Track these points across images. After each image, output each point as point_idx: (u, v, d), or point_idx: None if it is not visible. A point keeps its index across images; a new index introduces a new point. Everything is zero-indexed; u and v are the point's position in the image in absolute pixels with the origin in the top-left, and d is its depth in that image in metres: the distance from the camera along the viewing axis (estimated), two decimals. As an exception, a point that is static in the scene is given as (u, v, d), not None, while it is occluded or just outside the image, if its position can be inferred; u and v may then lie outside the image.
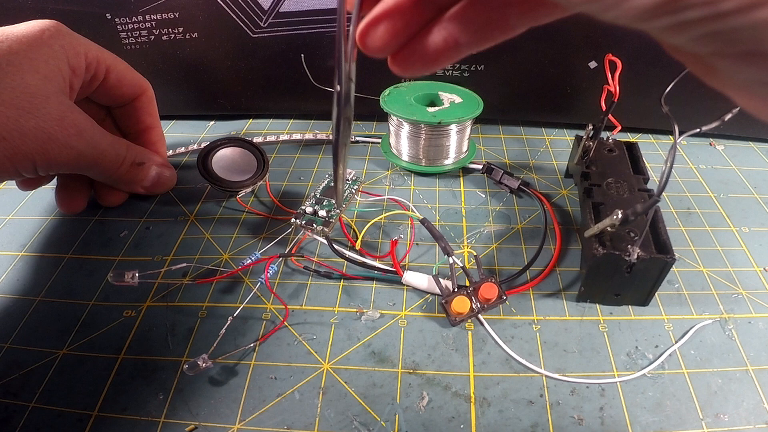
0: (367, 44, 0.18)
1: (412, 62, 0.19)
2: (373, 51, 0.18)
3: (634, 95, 0.43)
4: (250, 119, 0.52)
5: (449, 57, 0.18)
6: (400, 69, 0.19)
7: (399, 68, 0.19)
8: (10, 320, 0.31)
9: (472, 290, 0.30)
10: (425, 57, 0.18)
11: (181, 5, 0.43)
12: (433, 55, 0.18)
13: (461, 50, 0.18)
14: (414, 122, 0.40)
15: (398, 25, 0.18)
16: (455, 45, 0.18)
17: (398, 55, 0.19)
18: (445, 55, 0.18)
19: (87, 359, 0.28)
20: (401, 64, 0.19)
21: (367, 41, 0.18)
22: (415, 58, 0.18)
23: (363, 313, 0.31)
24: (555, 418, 0.25)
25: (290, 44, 0.45)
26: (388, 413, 0.26)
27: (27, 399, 0.26)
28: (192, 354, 0.28)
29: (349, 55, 0.18)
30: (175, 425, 0.25)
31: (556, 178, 0.42)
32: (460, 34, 0.17)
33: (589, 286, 0.30)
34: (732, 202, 0.40)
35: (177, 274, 0.33)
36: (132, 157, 0.37)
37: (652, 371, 0.27)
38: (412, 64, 0.19)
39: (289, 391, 0.27)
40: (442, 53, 0.18)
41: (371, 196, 0.40)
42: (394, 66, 0.19)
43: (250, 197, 0.40)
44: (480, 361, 0.28)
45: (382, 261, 0.34)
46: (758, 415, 0.25)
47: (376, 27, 0.18)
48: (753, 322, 0.30)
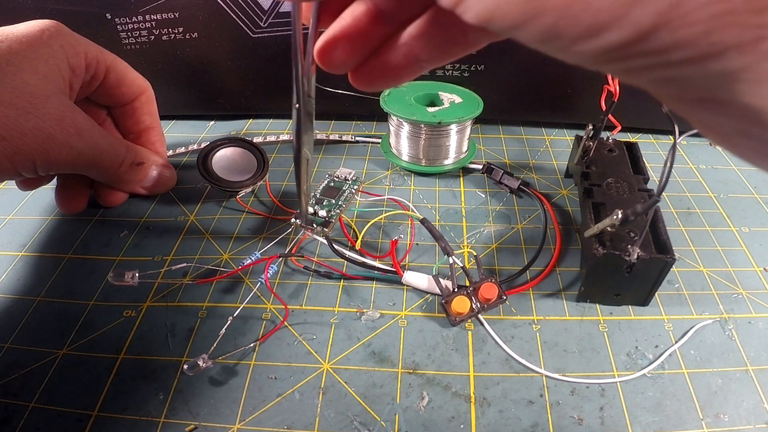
0: (327, 62, 0.18)
1: (372, 78, 0.18)
2: (333, 68, 0.18)
3: (634, 95, 0.42)
4: (250, 119, 0.52)
5: (410, 72, 0.18)
6: (360, 84, 0.19)
7: (360, 84, 0.19)
8: (10, 320, 0.31)
9: (472, 290, 0.30)
10: (386, 73, 0.18)
11: (181, 5, 0.43)
12: (394, 71, 0.18)
13: (422, 65, 0.18)
14: (414, 122, 0.40)
15: (357, 43, 0.17)
16: (416, 61, 0.17)
17: (358, 71, 0.18)
18: (406, 71, 0.18)
19: (87, 359, 0.28)
20: (361, 79, 0.18)
21: (326, 59, 0.18)
22: (376, 74, 0.18)
23: (363, 313, 0.31)
24: (555, 418, 0.25)
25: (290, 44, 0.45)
26: (388, 413, 0.26)
27: (27, 399, 0.26)
28: (192, 354, 0.28)
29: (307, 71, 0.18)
30: (175, 425, 0.25)
31: (556, 178, 0.42)
32: (420, 51, 0.17)
33: (589, 286, 0.30)
34: (732, 202, 0.40)
35: (177, 274, 0.33)
36: (132, 158, 0.37)
37: (652, 371, 0.27)
38: (373, 80, 0.18)
39: (289, 391, 0.27)
40: (403, 69, 0.18)
41: (371, 196, 0.40)
42: (355, 82, 0.19)
43: (250, 197, 0.40)
44: (480, 361, 0.28)
45: (382, 261, 0.34)
46: (758, 415, 0.25)
47: (334, 45, 0.17)
48: (753, 322, 0.30)
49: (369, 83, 0.18)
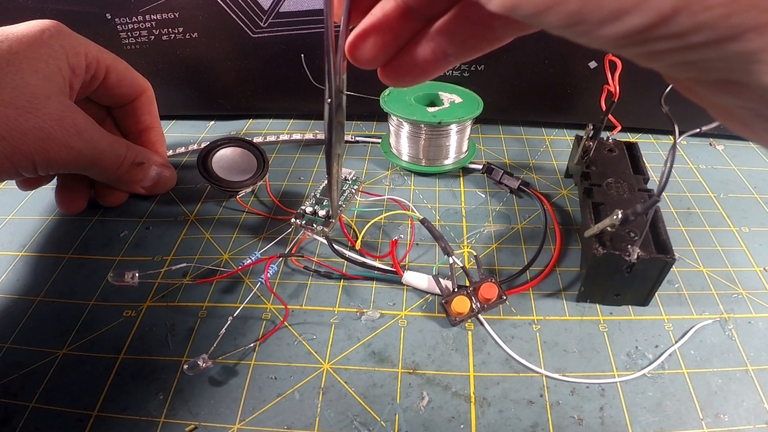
0: (357, 57, 0.18)
1: (401, 73, 0.19)
2: (363, 63, 0.18)
3: (634, 95, 0.43)
4: (250, 119, 0.52)
5: (438, 68, 0.18)
6: (390, 80, 0.19)
7: (389, 79, 0.19)
8: (10, 320, 0.31)
9: (472, 290, 0.30)
10: (414, 68, 0.18)
11: (181, 5, 0.43)
12: (422, 66, 0.18)
13: (450, 61, 0.18)
14: (414, 122, 0.40)
15: (387, 38, 0.18)
16: (443, 56, 0.18)
17: (388, 66, 0.19)
18: (434, 66, 0.18)
19: (87, 359, 0.28)
20: (391, 75, 0.19)
21: (356, 54, 0.18)
22: (405, 69, 0.19)
23: (363, 313, 0.31)
24: (555, 418, 0.25)
25: (290, 44, 0.45)
26: (388, 413, 0.26)
27: (27, 399, 0.26)
28: (192, 354, 0.28)
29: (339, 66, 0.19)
30: (175, 425, 0.25)
31: (556, 178, 0.42)
32: (447, 46, 0.18)
33: (589, 286, 0.30)
34: (732, 202, 0.40)
35: (177, 274, 0.33)
36: (132, 157, 0.37)
37: (652, 371, 0.27)
38: (401, 75, 0.19)
39: (289, 391, 0.27)
40: (431, 64, 0.18)
41: (371, 196, 0.40)
42: (384, 77, 0.19)
43: (250, 197, 0.40)
44: (480, 361, 0.28)
45: (382, 261, 0.34)
46: (758, 415, 0.25)
47: (364, 40, 0.18)
48: (753, 322, 0.30)
49: (398, 78, 0.19)
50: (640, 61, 0.13)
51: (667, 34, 0.11)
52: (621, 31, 0.12)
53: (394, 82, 0.19)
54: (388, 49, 0.18)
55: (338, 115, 0.20)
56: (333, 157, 0.22)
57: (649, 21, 0.11)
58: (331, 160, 0.23)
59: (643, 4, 0.11)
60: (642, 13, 0.11)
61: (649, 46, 0.12)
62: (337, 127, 0.21)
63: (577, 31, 0.12)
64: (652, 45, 0.12)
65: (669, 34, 0.11)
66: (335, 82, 0.19)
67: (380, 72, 0.19)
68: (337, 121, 0.20)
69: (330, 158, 0.23)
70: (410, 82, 0.19)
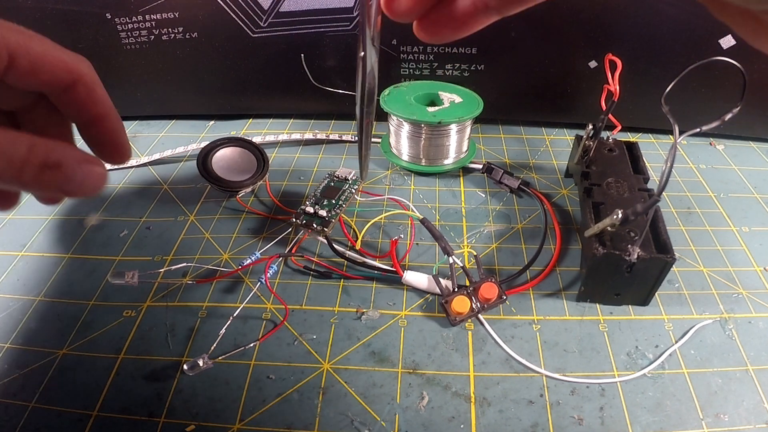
0: (393, 8, 0.17)
1: (439, 27, 0.18)
2: (400, 15, 0.17)
3: (634, 95, 0.43)
4: (250, 119, 0.52)
5: (478, 21, 0.17)
6: (427, 34, 0.18)
7: (426, 34, 0.18)
8: (10, 320, 0.31)
9: (472, 290, 0.30)
10: (453, 21, 0.17)
11: (181, 5, 0.43)
12: (462, 19, 0.17)
13: (491, 14, 0.17)
14: (414, 122, 0.40)
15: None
16: (485, 8, 0.17)
17: (425, 19, 0.17)
18: (474, 20, 0.17)
19: (87, 359, 0.28)
20: (428, 28, 0.18)
21: (392, 5, 0.17)
22: (443, 22, 0.17)
23: (363, 313, 0.31)
24: (555, 417, 0.25)
25: (290, 44, 0.45)
26: (388, 413, 0.26)
27: (27, 399, 0.26)
28: (192, 354, 0.28)
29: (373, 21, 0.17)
30: (175, 425, 0.25)
31: (556, 178, 0.42)
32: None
33: (589, 285, 0.30)
34: (732, 202, 0.40)
35: (177, 274, 0.33)
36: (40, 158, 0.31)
37: (652, 371, 0.27)
38: (439, 29, 0.18)
39: (289, 391, 0.27)
40: (471, 17, 0.17)
41: (371, 196, 0.40)
42: (421, 32, 0.18)
43: (250, 197, 0.40)
44: (480, 361, 0.28)
45: (382, 261, 0.34)
46: (758, 415, 0.25)
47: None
48: (753, 322, 0.30)
49: (435, 33, 0.18)
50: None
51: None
52: None
53: (430, 37, 0.18)
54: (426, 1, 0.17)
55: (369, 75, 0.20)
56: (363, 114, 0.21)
57: None
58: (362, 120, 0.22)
59: None
60: None
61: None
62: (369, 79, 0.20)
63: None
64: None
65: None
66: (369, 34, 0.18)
67: (416, 25, 0.18)
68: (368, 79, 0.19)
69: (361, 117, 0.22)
70: (448, 37, 0.18)
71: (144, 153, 0.47)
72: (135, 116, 0.52)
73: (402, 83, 0.45)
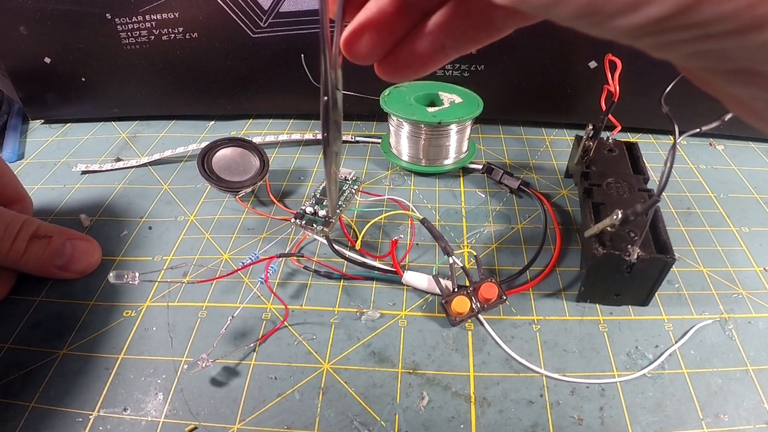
0: (353, 52, 0.18)
1: (399, 68, 0.18)
2: (360, 59, 0.18)
3: (634, 95, 0.43)
4: (250, 119, 0.52)
5: (437, 61, 0.18)
6: (387, 75, 0.18)
7: (386, 74, 0.18)
8: (10, 320, 0.31)
9: (472, 290, 0.30)
10: (412, 62, 0.18)
11: (181, 5, 0.43)
12: (421, 60, 0.18)
13: (449, 54, 0.18)
14: (414, 122, 0.40)
15: (383, 32, 0.17)
16: (442, 49, 0.17)
17: (385, 61, 0.18)
18: (433, 60, 0.18)
19: (87, 359, 0.28)
20: (388, 70, 0.18)
21: (352, 49, 0.17)
22: (402, 63, 0.18)
23: (363, 313, 0.31)
24: (555, 418, 0.25)
25: (290, 44, 0.45)
26: (388, 413, 0.26)
27: (27, 399, 0.26)
28: (192, 354, 0.28)
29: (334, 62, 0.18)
30: (175, 425, 0.25)
31: (556, 178, 0.42)
32: (446, 38, 0.17)
33: (589, 286, 0.30)
34: (732, 202, 0.40)
35: (177, 274, 0.33)
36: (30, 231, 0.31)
37: (652, 371, 0.27)
38: (399, 69, 0.18)
39: (289, 391, 0.27)
40: (430, 57, 0.18)
41: (371, 196, 0.40)
42: (382, 72, 0.18)
43: (250, 197, 0.40)
44: (480, 361, 0.28)
45: (382, 261, 0.34)
46: (758, 415, 0.25)
47: (360, 35, 0.17)
48: (753, 322, 0.30)
49: (396, 73, 0.18)
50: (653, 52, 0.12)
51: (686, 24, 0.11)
52: (637, 22, 0.11)
53: (391, 77, 0.19)
54: (385, 43, 0.18)
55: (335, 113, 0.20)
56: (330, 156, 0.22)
57: (669, 11, 0.10)
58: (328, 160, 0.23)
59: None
60: (661, 3, 0.10)
61: (665, 36, 0.11)
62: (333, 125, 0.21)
63: (589, 22, 0.12)
64: (669, 35, 0.11)
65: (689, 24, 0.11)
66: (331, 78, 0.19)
67: (377, 67, 0.18)
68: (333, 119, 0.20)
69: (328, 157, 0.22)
70: (409, 77, 0.19)
71: (144, 153, 0.47)
72: (135, 116, 0.52)
73: (402, 83, 0.45)
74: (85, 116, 0.52)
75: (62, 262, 0.32)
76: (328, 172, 0.23)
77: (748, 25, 0.10)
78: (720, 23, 0.10)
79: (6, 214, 0.31)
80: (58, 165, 0.45)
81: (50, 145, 0.49)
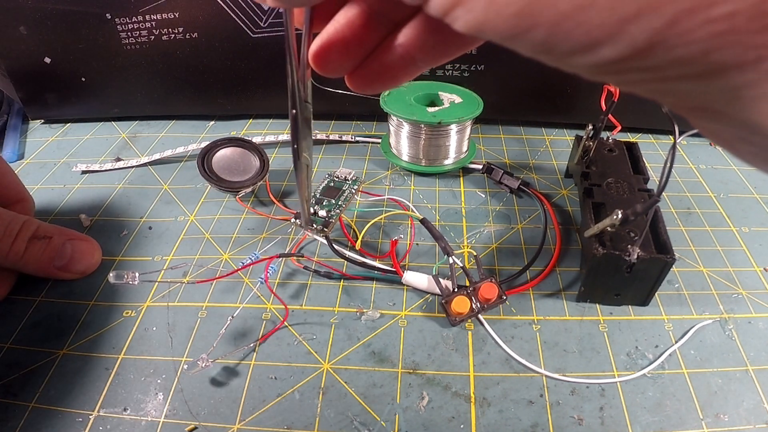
0: (322, 66, 0.17)
1: (369, 80, 0.18)
2: (329, 72, 0.17)
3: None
4: (250, 119, 0.52)
5: (407, 73, 0.18)
6: (358, 87, 0.18)
7: (356, 86, 0.18)
8: (10, 320, 0.31)
9: (472, 290, 0.30)
10: (383, 74, 0.18)
11: (181, 5, 0.43)
12: (391, 72, 0.17)
13: (419, 66, 0.17)
14: (414, 122, 0.40)
15: (352, 45, 0.17)
16: (412, 61, 0.17)
17: (355, 74, 0.18)
18: (403, 72, 0.18)
19: (87, 359, 0.28)
20: (359, 82, 0.18)
21: (321, 63, 0.17)
22: (373, 76, 0.18)
23: (363, 313, 0.31)
24: (555, 418, 0.25)
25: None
26: (388, 413, 0.26)
27: (27, 399, 0.26)
28: (192, 354, 0.28)
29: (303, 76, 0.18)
30: (175, 425, 0.25)
31: (556, 178, 0.42)
32: (416, 51, 0.17)
33: (589, 286, 0.30)
34: (732, 202, 0.40)
35: (177, 274, 0.33)
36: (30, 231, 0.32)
37: (652, 371, 0.27)
38: (370, 82, 0.18)
39: (289, 391, 0.27)
40: (400, 70, 0.17)
41: (371, 196, 0.40)
42: (353, 84, 0.18)
43: (250, 197, 0.40)
44: (480, 361, 0.28)
45: (382, 261, 0.34)
46: (758, 415, 0.25)
47: (329, 48, 0.17)
48: (753, 322, 0.30)
49: (366, 85, 0.18)
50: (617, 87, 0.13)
51: (642, 67, 0.11)
52: (593, 62, 0.11)
53: (362, 89, 0.18)
54: (354, 56, 0.17)
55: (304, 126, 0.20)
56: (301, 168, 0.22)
57: (623, 54, 0.10)
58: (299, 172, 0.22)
59: (616, 36, 0.10)
60: (614, 46, 0.10)
61: (623, 76, 0.11)
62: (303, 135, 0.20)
63: (548, 58, 0.12)
64: (627, 75, 0.11)
65: (644, 67, 0.11)
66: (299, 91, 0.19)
67: (348, 79, 0.18)
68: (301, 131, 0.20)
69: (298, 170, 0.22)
70: (379, 89, 0.18)
71: (144, 153, 0.47)
72: (135, 116, 0.52)
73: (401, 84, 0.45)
74: (85, 116, 0.52)
75: (62, 263, 0.33)
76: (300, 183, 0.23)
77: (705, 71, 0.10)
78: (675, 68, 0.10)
79: (6, 215, 0.31)
80: (58, 165, 0.45)
81: (50, 145, 0.49)
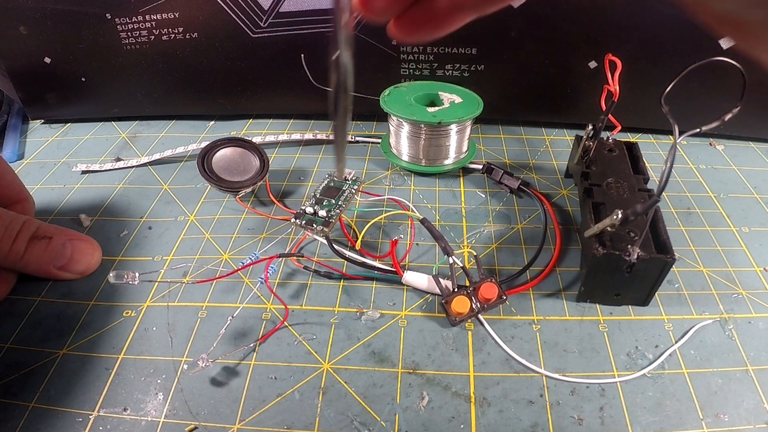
0: (369, 6, 0.17)
1: (415, 27, 0.17)
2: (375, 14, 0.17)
3: (634, 95, 0.43)
4: (250, 119, 0.52)
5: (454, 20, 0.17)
6: (403, 33, 0.18)
7: (402, 32, 0.18)
8: (10, 320, 0.31)
9: (472, 290, 0.30)
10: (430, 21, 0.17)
11: (181, 5, 0.43)
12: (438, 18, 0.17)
13: (468, 13, 0.17)
14: (414, 122, 0.40)
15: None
16: (460, 7, 0.17)
17: (401, 19, 0.17)
18: (450, 19, 0.17)
19: (87, 359, 0.28)
20: (404, 28, 0.17)
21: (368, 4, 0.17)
22: (419, 22, 0.17)
23: (363, 313, 0.31)
24: (555, 418, 0.25)
25: (290, 44, 0.45)
26: (388, 413, 0.26)
27: (27, 399, 0.26)
28: (192, 354, 0.28)
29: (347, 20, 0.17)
30: (175, 425, 0.25)
31: (556, 178, 0.42)
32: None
33: (589, 286, 0.30)
34: (732, 202, 0.40)
35: (177, 274, 0.33)
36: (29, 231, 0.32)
37: (652, 371, 0.27)
38: (416, 29, 0.17)
39: (289, 391, 0.27)
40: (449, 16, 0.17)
41: (371, 196, 0.40)
42: (397, 30, 0.18)
43: (250, 197, 0.40)
44: (480, 361, 0.28)
45: (382, 261, 0.34)
46: (758, 415, 0.25)
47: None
48: (753, 322, 0.30)
49: (412, 32, 0.18)
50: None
51: None
52: None
53: (406, 37, 0.18)
54: None
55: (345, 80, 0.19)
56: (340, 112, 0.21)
57: None
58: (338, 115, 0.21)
59: None
60: None
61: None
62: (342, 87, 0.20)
63: None
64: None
65: None
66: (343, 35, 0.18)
67: (393, 24, 0.18)
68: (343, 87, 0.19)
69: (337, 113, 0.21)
70: (424, 37, 0.18)
71: (144, 153, 0.47)
72: (135, 116, 0.52)
73: (402, 83, 0.45)
74: (85, 116, 0.52)
75: (62, 263, 0.33)
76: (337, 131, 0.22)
77: None
78: None
79: (6, 215, 0.31)
80: (58, 165, 0.45)
81: (50, 145, 0.49)
